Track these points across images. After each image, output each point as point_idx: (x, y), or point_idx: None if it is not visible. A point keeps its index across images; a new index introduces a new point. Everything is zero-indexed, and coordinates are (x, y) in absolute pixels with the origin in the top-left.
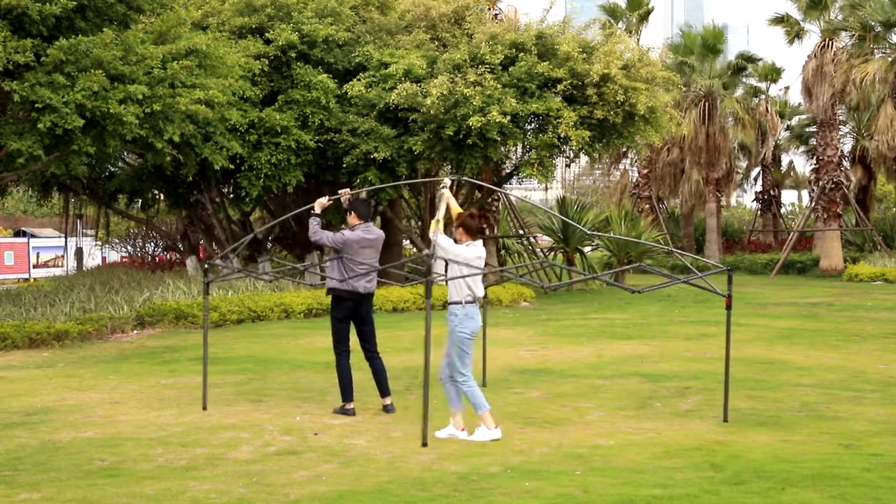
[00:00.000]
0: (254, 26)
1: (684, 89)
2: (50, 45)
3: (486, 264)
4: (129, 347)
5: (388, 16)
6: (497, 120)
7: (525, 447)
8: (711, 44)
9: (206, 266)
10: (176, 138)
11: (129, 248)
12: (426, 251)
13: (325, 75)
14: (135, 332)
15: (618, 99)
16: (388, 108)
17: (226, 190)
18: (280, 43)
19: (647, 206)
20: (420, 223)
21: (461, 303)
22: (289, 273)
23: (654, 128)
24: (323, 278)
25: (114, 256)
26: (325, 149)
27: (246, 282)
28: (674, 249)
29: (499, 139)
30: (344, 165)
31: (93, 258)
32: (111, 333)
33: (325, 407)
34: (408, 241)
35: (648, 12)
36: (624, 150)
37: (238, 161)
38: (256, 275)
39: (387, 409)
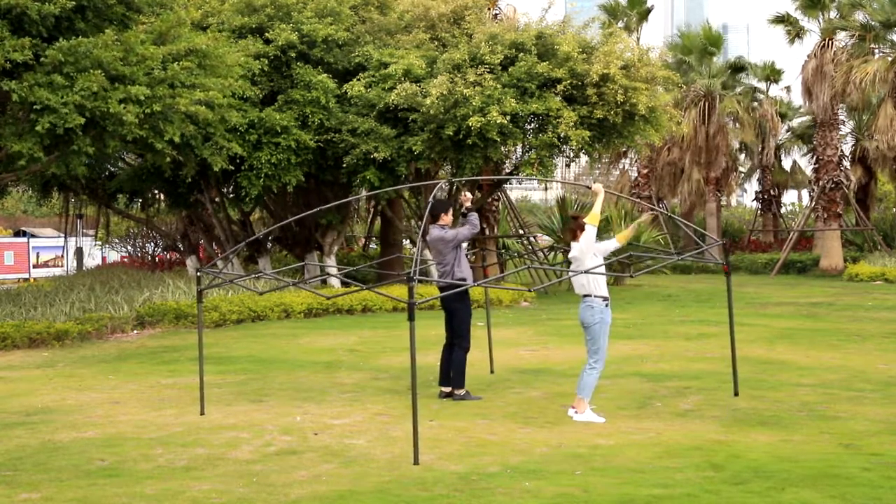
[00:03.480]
0: (253, 26)
1: (683, 88)
2: (49, 45)
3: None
4: (129, 347)
5: (387, 16)
6: (497, 120)
7: (525, 447)
8: (709, 46)
9: (198, 274)
10: (176, 139)
11: (128, 247)
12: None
13: (324, 75)
14: (135, 332)
15: (618, 99)
16: (388, 108)
17: (226, 190)
18: (280, 43)
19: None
20: (419, 223)
21: None
22: (286, 280)
23: (655, 127)
24: (323, 280)
25: (114, 256)
26: (325, 149)
27: (246, 281)
28: (675, 217)
29: (498, 139)
30: (344, 165)
31: (93, 258)
32: (111, 333)
33: (325, 407)
34: (408, 241)
35: (648, 11)
36: (624, 149)
37: (238, 161)
38: (251, 287)
39: (440, 395)
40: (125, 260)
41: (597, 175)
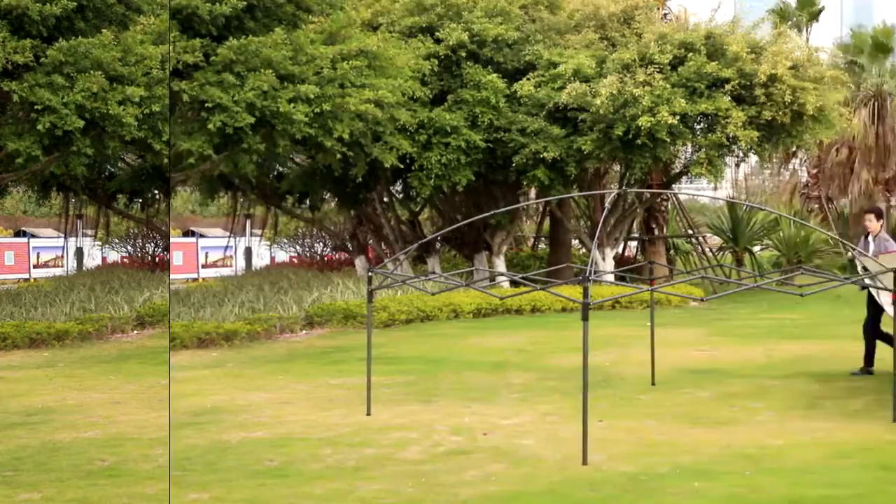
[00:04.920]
0: (423, 25)
1: (853, 89)
2: (49, 45)
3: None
4: (128, 347)
5: (557, 15)
6: (666, 120)
7: (695, 447)
8: (881, 43)
9: (369, 275)
10: (345, 136)
11: (297, 247)
12: None
13: (494, 75)
14: (303, 331)
15: (786, 99)
16: (558, 107)
17: (394, 189)
18: (450, 42)
19: (817, 205)
20: (589, 223)
21: None
22: (456, 280)
23: (826, 125)
24: (492, 279)
25: (114, 256)
26: (494, 148)
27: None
28: (847, 243)
29: (668, 139)
30: (513, 165)
31: (92, 258)
32: (111, 333)
33: (493, 407)
34: (576, 241)
35: (819, 11)
36: (793, 150)
37: (408, 161)
38: (420, 287)
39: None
40: (294, 259)
41: (766, 175)
